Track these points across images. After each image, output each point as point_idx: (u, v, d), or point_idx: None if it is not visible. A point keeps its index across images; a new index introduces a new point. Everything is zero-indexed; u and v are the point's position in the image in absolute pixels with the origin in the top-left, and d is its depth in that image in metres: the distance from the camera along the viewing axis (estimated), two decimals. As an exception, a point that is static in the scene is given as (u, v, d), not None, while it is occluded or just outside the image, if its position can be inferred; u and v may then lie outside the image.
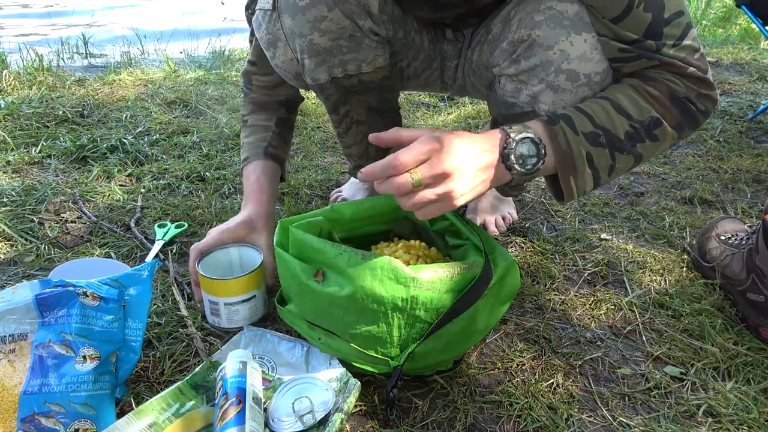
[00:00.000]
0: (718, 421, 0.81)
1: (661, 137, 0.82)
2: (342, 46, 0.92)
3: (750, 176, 1.60)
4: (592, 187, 0.82)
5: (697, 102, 0.82)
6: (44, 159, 1.55)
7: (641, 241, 1.26)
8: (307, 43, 0.92)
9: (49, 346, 0.74)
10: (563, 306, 1.04)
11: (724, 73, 2.67)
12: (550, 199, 1.44)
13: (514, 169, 0.75)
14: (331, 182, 1.49)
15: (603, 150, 0.79)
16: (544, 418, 0.80)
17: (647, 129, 0.81)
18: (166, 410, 0.74)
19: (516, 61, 0.87)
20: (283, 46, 0.95)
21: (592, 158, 0.79)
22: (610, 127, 0.79)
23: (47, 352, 0.74)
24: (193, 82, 2.26)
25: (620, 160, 0.81)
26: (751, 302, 0.98)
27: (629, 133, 0.80)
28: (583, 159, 0.78)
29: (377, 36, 0.95)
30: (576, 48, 0.81)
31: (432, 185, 0.69)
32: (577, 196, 0.81)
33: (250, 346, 0.88)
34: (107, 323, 0.78)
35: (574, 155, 0.78)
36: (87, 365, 0.74)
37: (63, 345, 0.74)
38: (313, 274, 0.80)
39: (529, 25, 0.84)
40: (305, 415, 0.74)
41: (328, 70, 0.95)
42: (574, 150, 0.78)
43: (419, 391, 0.84)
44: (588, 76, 0.83)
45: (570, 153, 0.77)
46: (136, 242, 1.18)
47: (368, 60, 0.95)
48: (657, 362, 0.92)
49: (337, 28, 0.90)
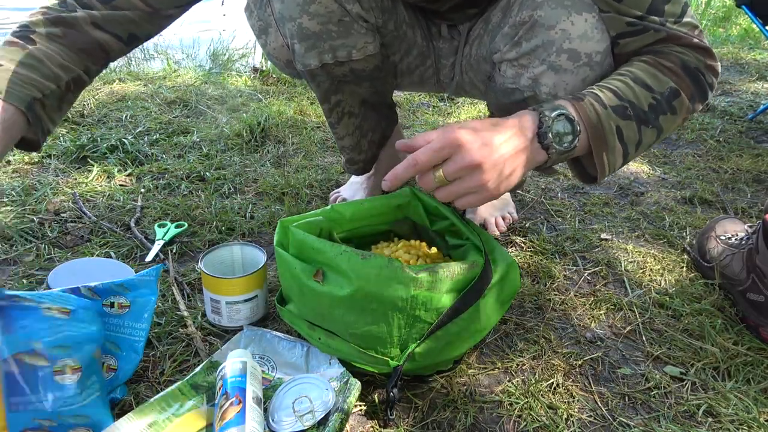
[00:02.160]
0: (718, 421, 0.81)
1: (679, 109, 0.82)
2: (331, 31, 0.93)
3: (750, 176, 1.60)
4: (621, 164, 0.81)
5: (706, 73, 0.83)
6: (44, 159, 1.54)
7: (641, 241, 1.26)
8: (297, 27, 0.93)
9: (18, 359, 0.67)
10: (563, 306, 1.04)
11: (724, 73, 2.67)
12: (551, 199, 1.44)
13: (552, 148, 0.73)
14: (331, 182, 1.49)
15: (631, 123, 0.78)
16: (544, 418, 0.80)
17: (667, 100, 0.80)
18: (166, 410, 0.74)
19: (517, 43, 0.88)
20: (274, 32, 0.97)
21: (621, 132, 0.78)
22: (634, 99, 0.78)
23: (19, 367, 0.67)
24: (193, 82, 2.26)
25: (646, 134, 0.80)
26: (751, 302, 0.98)
27: (652, 105, 0.79)
28: (613, 133, 0.77)
29: (366, 22, 0.96)
30: (577, 27, 0.82)
31: (461, 181, 0.69)
32: (608, 173, 0.80)
33: (250, 346, 0.88)
34: (81, 328, 0.72)
35: (605, 130, 0.77)
36: (69, 377, 0.69)
37: (34, 355, 0.68)
38: (313, 274, 0.80)
39: (530, 6, 0.85)
40: (305, 415, 0.74)
41: (318, 56, 0.96)
42: (605, 125, 0.76)
43: (419, 391, 0.84)
44: (589, 55, 0.83)
45: (602, 128, 0.76)
46: (136, 242, 1.18)
47: (358, 46, 0.96)
48: (657, 362, 0.92)
49: (325, 12, 0.92)
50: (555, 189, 1.50)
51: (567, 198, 1.46)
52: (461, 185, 0.69)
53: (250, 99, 2.10)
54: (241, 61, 2.74)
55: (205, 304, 0.95)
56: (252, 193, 1.43)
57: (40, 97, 0.81)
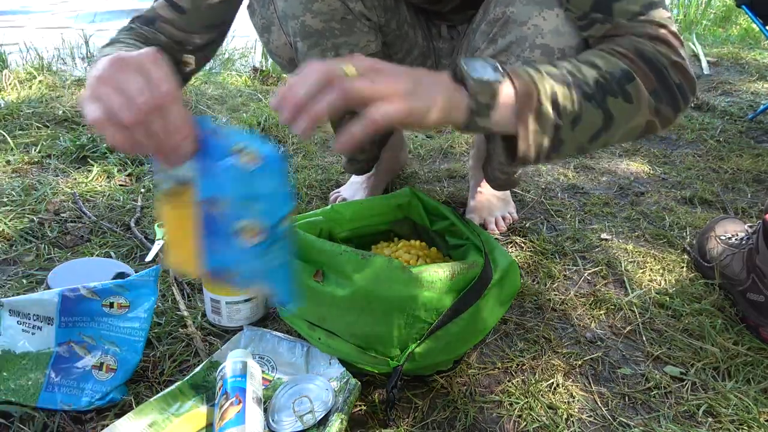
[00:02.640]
0: (718, 421, 0.81)
1: (635, 96, 0.71)
2: (334, 29, 0.94)
3: (750, 176, 1.60)
4: (549, 143, 0.69)
5: (671, 70, 0.73)
6: (44, 159, 1.54)
7: (641, 241, 1.26)
8: (300, 25, 0.93)
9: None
10: (563, 306, 1.04)
11: (724, 73, 2.67)
12: (550, 199, 1.44)
13: (467, 80, 0.64)
14: (331, 182, 1.49)
15: (569, 90, 0.68)
16: (544, 418, 0.80)
17: (619, 83, 0.70)
18: (166, 410, 0.74)
19: (493, 40, 0.87)
20: (276, 30, 0.97)
21: (556, 97, 0.67)
22: (576, 72, 0.70)
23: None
24: (193, 82, 2.26)
25: (588, 111, 0.69)
26: (751, 302, 0.98)
27: (598, 81, 0.70)
28: (546, 94, 0.67)
29: (369, 21, 0.96)
30: (548, 23, 0.82)
31: (369, 78, 0.58)
32: (533, 148, 0.68)
33: (250, 346, 0.88)
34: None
35: (535, 84, 0.66)
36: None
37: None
38: (313, 274, 0.80)
39: (504, 2, 0.85)
40: (305, 415, 0.74)
41: (320, 53, 0.96)
42: (534, 78, 0.67)
43: (419, 391, 0.84)
44: (562, 51, 0.82)
45: (532, 82, 0.66)
46: (136, 242, 1.18)
47: (360, 45, 0.97)
48: (657, 362, 0.92)
49: (328, 9, 0.92)
50: (555, 189, 1.50)
51: (567, 198, 1.46)
52: (370, 83, 0.58)
53: (250, 99, 2.10)
54: (240, 61, 2.74)
55: (205, 304, 0.95)
56: (252, 193, 1.43)
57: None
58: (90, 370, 0.79)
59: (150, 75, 0.55)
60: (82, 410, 0.77)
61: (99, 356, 0.80)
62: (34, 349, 0.79)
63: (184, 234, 0.62)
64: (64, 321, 0.80)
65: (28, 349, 0.79)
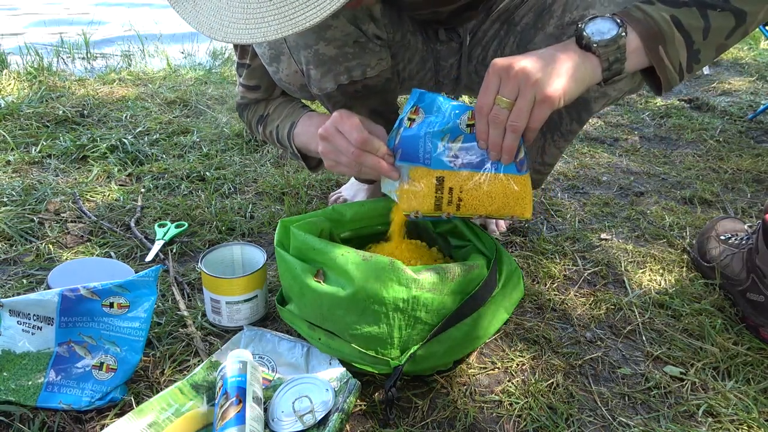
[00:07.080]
0: (718, 421, 0.81)
1: None
2: (347, 53, 0.92)
3: (750, 176, 1.60)
4: (686, 58, 0.74)
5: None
6: (44, 159, 1.55)
7: (641, 241, 1.26)
8: (313, 54, 0.91)
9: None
10: (563, 306, 1.04)
11: (724, 73, 2.67)
12: (550, 199, 1.44)
13: (593, 46, 0.71)
14: (331, 182, 1.49)
15: (689, 10, 0.72)
16: (544, 418, 0.80)
17: None
18: (166, 410, 0.74)
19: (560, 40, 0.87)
20: (286, 59, 0.93)
21: (679, 20, 0.72)
22: None
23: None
24: (193, 82, 2.26)
25: (715, 18, 0.73)
26: (751, 302, 0.99)
27: None
28: (668, 22, 0.71)
29: (380, 40, 0.94)
30: None
31: (520, 95, 0.69)
32: (674, 71, 0.74)
33: (250, 345, 0.88)
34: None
35: (657, 20, 0.71)
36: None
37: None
38: (313, 275, 0.80)
39: (582, 6, 0.84)
40: (305, 415, 0.74)
41: (334, 78, 0.93)
42: (654, 15, 0.71)
43: (419, 391, 0.84)
44: None
45: (652, 20, 0.71)
46: (136, 242, 1.18)
47: (372, 64, 0.95)
48: (657, 362, 0.92)
49: (342, 36, 0.90)
50: (555, 189, 1.50)
51: (567, 198, 1.46)
52: (522, 100, 0.69)
53: (250, 99, 2.09)
54: (241, 61, 2.74)
55: (205, 304, 0.95)
56: (252, 193, 1.43)
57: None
58: (90, 370, 0.79)
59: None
60: (82, 410, 0.77)
61: (99, 356, 0.80)
62: (35, 349, 0.79)
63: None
64: (64, 321, 0.80)
65: (28, 349, 0.79)
